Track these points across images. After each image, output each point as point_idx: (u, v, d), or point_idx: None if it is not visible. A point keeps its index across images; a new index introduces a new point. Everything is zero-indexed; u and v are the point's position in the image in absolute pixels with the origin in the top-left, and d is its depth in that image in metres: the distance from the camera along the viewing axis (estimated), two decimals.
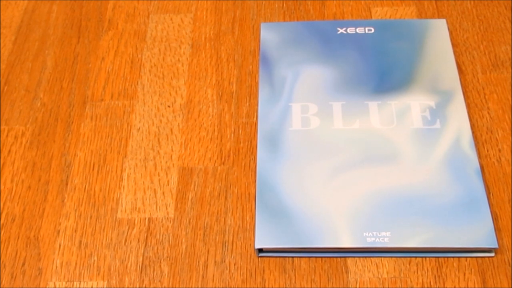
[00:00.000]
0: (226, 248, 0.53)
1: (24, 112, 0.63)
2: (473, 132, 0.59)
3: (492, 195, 0.56)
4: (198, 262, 0.53)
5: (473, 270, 0.52)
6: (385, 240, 0.52)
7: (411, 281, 0.51)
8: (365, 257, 0.52)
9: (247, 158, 0.59)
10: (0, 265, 0.53)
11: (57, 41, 0.69)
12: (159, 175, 0.58)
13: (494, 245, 0.51)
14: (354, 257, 0.53)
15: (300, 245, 0.52)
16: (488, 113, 0.61)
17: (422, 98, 0.60)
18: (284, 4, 0.70)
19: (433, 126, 0.58)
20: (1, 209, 0.56)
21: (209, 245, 0.54)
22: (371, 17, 0.69)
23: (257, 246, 0.52)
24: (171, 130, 0.61)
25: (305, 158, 0.56)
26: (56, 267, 0.53)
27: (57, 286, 0.52)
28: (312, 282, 0.51)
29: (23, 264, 0.53)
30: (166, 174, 0.58)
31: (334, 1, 0.70)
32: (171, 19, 0.70)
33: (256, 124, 0.61)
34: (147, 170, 0.58)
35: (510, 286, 0.51)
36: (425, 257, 0.52)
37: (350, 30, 0.65)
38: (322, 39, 0.65)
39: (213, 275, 0.52)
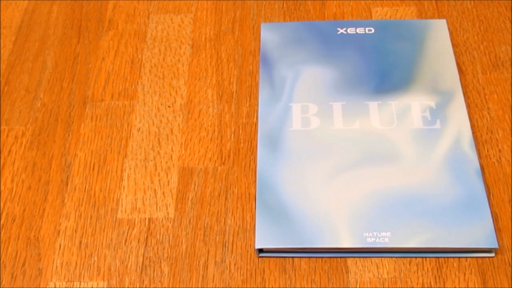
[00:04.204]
0: (226, 248, 0.53)
1: (24, 112, 0.63)
2: (473, 132, 0.59)
3: (492, 195, 0.56)
4: (198, 262, 0.53)
5: (473, 270, 0.52)
6: (385, 240, 0.52)
7: (411, 282, 0.51)
8: (365, 257, 0.52)
9: (247, 158, 0.59)
10: (0, 265, 0.53)
11: (57, 41, 0.69)
12: (159, 175, 0.58)
13: (494, 245, 0.51)
14: (354, 257, 0.53)
15: (300, 245, 0.52)
16: (488, 113, 0.61)
17: (422, 98, 0.60)
18: (284, 4, 0.70)
19: (433, 126, 0.58)
20: (1, 209, 0.56)
21: (209, 245, 0.54)
22: (371, 17, 0.69)
23: (257, 246, 0.52)
24: (171, 130, 0.61)
25: (305, 158, 0.56)
26: (56, 267, 0.53)
27: (57, 286, 0.52)
28: (312, 282, 0.51)
29: (23, 264, 0.53)
30: (166, 174, 0.58)
31: (334, 1, 0.70)
32: (171, 19, 0.70)
33: (256, 124, 0.61)
34: (147, 170, 0.58)
35: (510, 287, 0.51)
36: (425, 257, 0.52)
37: (350, 30, 0.65)
38: (322, 39, 0.65)
39: (213, 275, 0.52)
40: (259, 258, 0.53)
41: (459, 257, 0.52)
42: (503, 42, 0.66)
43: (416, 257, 0.52)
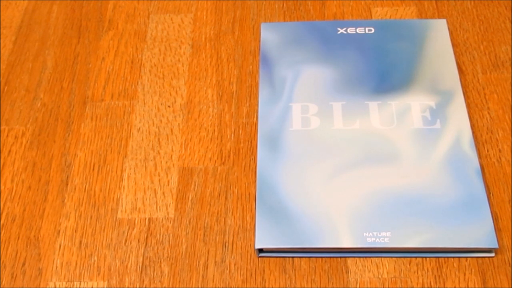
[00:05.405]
0: (226, 248, 0.53)
1: (24, 112, 0.63)
2: (473, 132, 0.59)
3: (492, 195, 0.56)
4: (198, 262, 0.53)
5: (473, 270, 0.52)
6: (385, 240, 0.52)
7: (411, 281, 0.51)
8: (365, 257, 0.52)
9: (247, 158, 0.59)
10: (0, 265, 0.53)
11: (57, 41, 0.69)
12: (159, 175, 0.58)
13: (494, 245, 0.51)
14: (354, 257, 0.53)
15: (300, 245, 0.52)
16: (488, 113, 0.61)
17: (422, 98, 0.60)
18: (284, 4, 0.70)
19: (433, 126, 0.58)
20: (1, 209, 0.56)
21: (209, 245, 0.54)
22: (371, 17, 0.69)
23: (257, 246, 0.52)
24: (171, 130, 0.61)
25: (305, 158, 0.56)
26: (56, 267, 0.53)
27: (57, 286, 0.52)
28: (312, 282, 0.51)
29: (23, 264, 0.53)
30: (166, 174, 0.58)
31: (334, 1, 0.70)
32: (171, 19, 0.70)
33: (256, 124, 0.61)
34: (147, 170, 0.58)
35: (510, 286, 0.51)
36: (425, 257, 0.52)
37: (350, 30, 0.65)
38: (322, 39, 0.65)
39: (213, 275, 0.52)
40: (259, 258, 0.53)
41: (459, 257, 0.52)
42: (503, 42, 0.66)
43: (416, 257, 0.52)
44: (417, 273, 0.52)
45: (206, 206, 0.56)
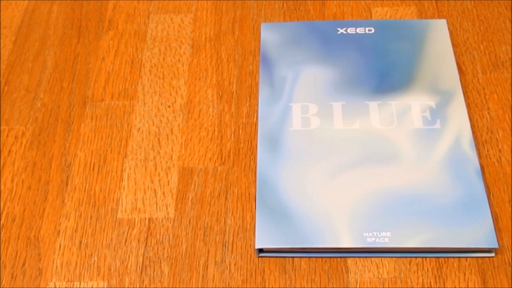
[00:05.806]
0: (226, 248, 0.53)
1: (24, 112, 0.63)
2: (473, 132, 0.59)
3: (492, 195, 0.56)
4: (198, 262, 0.53)
5: (473, 270, 0.52)
6: (385, 240, 0.52)
7: (411, 281, 0.51)
8: (365, 257, 0.52)
9: (247, 158, 0.59)
10: (0, 265, 0.53)
11: (57, 41, 0.69)
12: (159, 175, 0.58)
13: (494, 245, 0.51)
14: (354, 257, 0.53)
15: (300, 245, 0.52)
16: (488, 113, 0.61)
17: (422, 98, 0.60)
18: (284, 4, 0.70)
19: (433, 126, 0.58)
20: (1, 209, 0.56)
21: (209, 245, 0.54)
22: (371, 17, 0.69)
23: (257, 246, 0.52)
24: (171, 130, 0.61)
25: (305, 158, 0.56)
26: (56, 267, 0.53)
27: (57, 286, 0.52)
28: (312, 282, 0.51)
29: (23, 264, 0.53)
30: (166, 174, 0.58)
31: (334, 1, 0.70)
32: (171, 19, 0.70)
33: (256, 124, 0.61)
34: (147, 170, 0.58)
35: (510, 286, 0.51)
36: (425, 257, 0.52)
37: (350, 30, 0.65)
38: (322, 39, 0.65)
39: (213, 275, 0.52)
40: (259, 258, 0.53)
41: (459, 257, 0.52)
42: (503, 42, 0.66)
43: (416, 257, 0.52)
44: (417, 273, 0.52)
45: (206, 206, 0.56)
